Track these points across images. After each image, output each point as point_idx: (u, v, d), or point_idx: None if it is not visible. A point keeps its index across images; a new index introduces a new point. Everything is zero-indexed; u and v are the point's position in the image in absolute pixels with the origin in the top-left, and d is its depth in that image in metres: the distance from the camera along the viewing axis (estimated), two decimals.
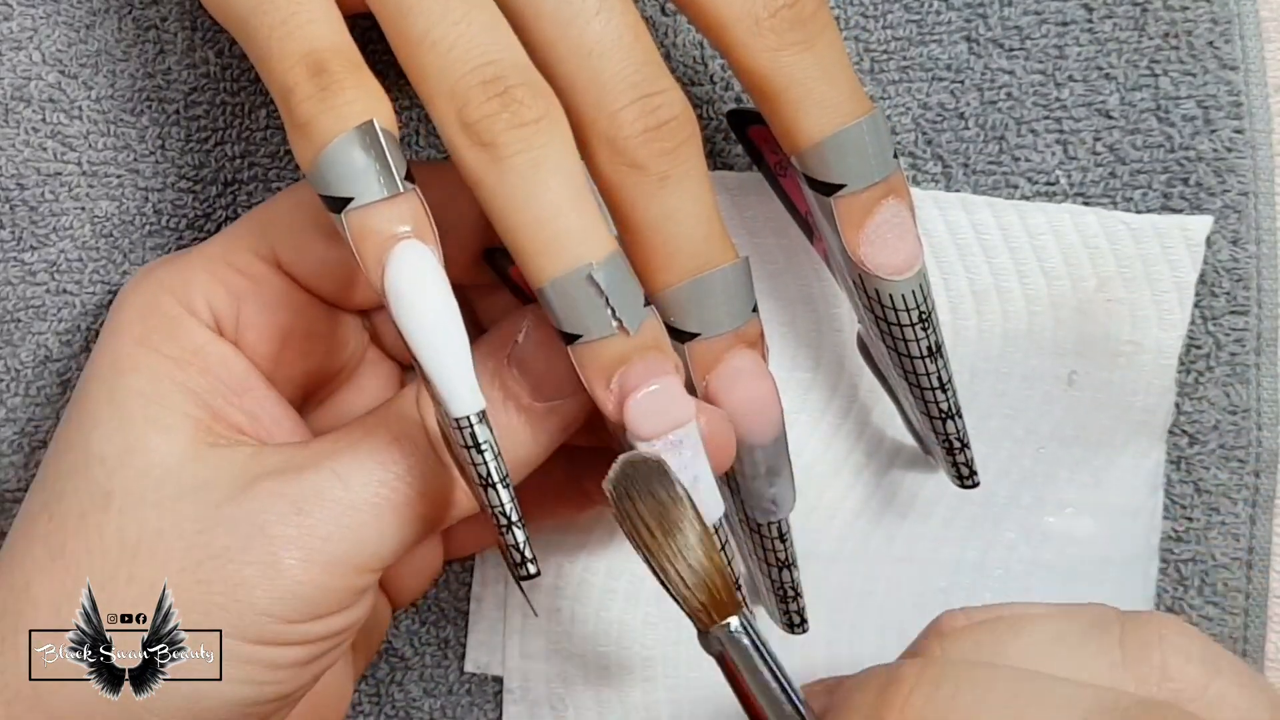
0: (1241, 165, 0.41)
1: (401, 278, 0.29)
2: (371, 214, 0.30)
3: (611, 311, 0.32)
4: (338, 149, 0.29)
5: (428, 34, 0.31)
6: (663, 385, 0.32)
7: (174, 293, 0.35)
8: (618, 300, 0.32)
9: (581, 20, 0.32)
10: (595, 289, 0.31)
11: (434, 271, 0.29)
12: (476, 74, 0.30)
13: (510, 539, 0.31)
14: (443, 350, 0.29)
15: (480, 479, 0.31)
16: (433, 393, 0.30)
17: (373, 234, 0.30)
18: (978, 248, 0.41)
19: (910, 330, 0.35)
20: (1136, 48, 0.41)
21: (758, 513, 0.36)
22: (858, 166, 0.34)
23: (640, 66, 0.32)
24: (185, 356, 0.34)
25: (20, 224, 0.40)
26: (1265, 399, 0.42)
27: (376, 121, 0.30)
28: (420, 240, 0.30)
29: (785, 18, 0.33)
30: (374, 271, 0.30)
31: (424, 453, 0.33)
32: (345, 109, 0.30)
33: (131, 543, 0.33)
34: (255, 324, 0.35)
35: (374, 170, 0.29)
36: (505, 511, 0.31)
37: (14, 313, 0.40)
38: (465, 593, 0.43)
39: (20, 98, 0.40)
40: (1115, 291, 0.41)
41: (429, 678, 0.43)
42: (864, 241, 0.34)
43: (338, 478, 0.33)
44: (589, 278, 0.31)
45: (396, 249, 0.29)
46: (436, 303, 0.29)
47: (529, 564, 0.31)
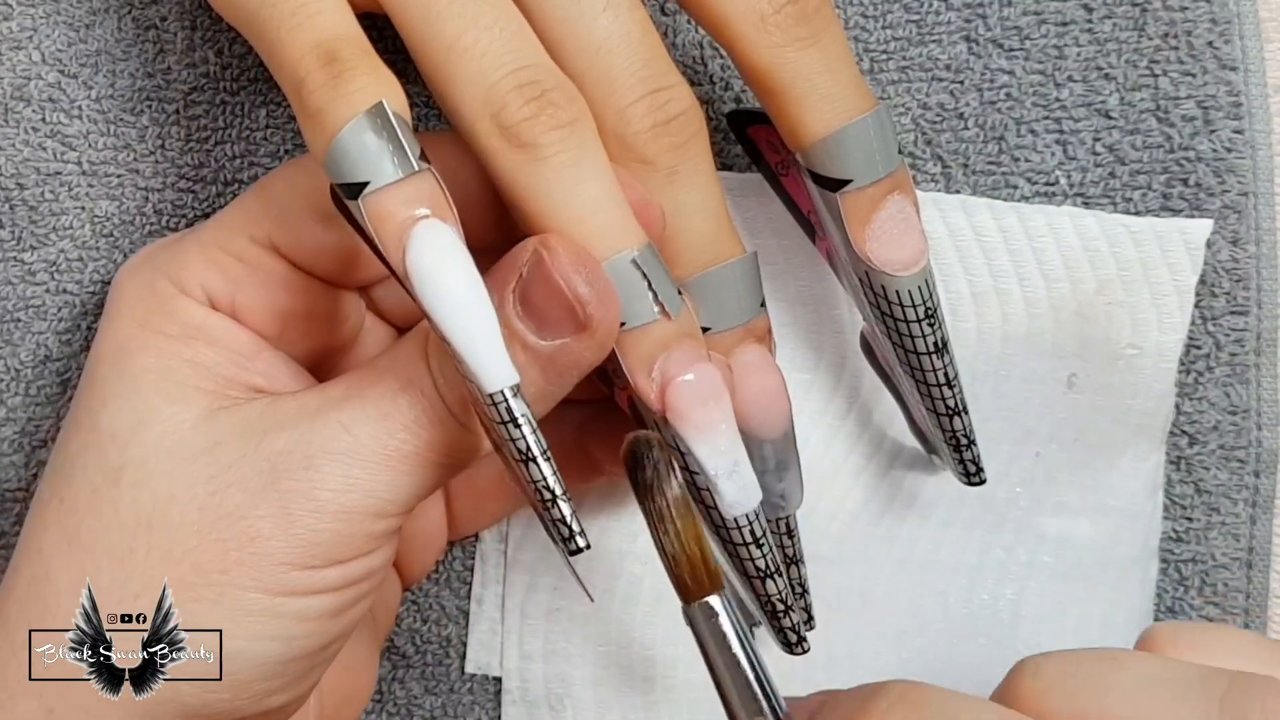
0: (1241, 165, 0.41)
1: (423, 258, 0.29)
2: (388, 196, 0.29)
3: (654, 295, 0.32)
4: (350, 134, 0.29)
5: (459, 40, 0.31)
6: (698, 373, 0.32)
7: (169, 277, 0.35)
8: (659, 285, 0.32)
9: (589, 17, 0.32)
10: (639, 273, 0.32)
11: (456, 249, 0.29)
12: (512, 78, 0.31)
13: (557, 513, 0.31)
14: (471, 327, 0.29)
15: (520, 454, 0.30)
16: (463, 370, 0.30)
17: (391, 216, 0.29)
18: (977, 250, 0.41)
19: (916, 326, 0.35)
20: (1136, 48, 0.41)
21: (766, 508, 0.36)
22: (863, 162, 0.34)
23: (648, 62, 0.33)
24: (188, 334, 0.34)
25: (20, 224, 0.40)
26: (1265, 399, 0.42)
27: (387, 103, 0.30)
28: (440, 219, 0.30)
29: (790, 14, 0.33)
30: (395, 254, 0.29)
31: (431, 400, 0.33)
32: (357, 95, 0.29)
33: (146, 513, 0.33)
34: (253, 308, 0.35)
35: (387, 152, 0.29)
36: (549, 485, 0.31)
37: (14, 312, 0.40)
38: (466, 591, 0.43)
39: (20, 97, 0.40)
40: (1115, 294, 0.41)
41: (430, 676, 0.43)
42: (870, 237, 0.34)
43: (345, 430, 0.32)
44: (633, 262, 0.31)
45: (416, 230, 0.29)
46: (461, 280, 0.29)
47: (578, 537, 0.31)
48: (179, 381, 0.34)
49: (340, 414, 0.33)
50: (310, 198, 0.34)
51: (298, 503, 0.32)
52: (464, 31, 0.31)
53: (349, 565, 0.33)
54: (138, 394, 0.34)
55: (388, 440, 0.32)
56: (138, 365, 0.34)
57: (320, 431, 0.33)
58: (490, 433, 0.31)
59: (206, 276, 0.35)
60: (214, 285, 0.35)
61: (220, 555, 0.32)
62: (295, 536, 0.32)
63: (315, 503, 0.32)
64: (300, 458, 0.32)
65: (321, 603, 0.33)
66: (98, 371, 0.35)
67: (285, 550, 0.32)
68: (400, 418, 0.33)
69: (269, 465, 0.32)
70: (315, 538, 0.32)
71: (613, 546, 0.43)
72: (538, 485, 0.31)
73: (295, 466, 0.32)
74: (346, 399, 0.33)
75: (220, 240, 0.35)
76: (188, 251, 0.35)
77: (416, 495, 0.33)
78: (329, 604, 0.33)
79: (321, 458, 0.32)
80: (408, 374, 0.33)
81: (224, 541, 0.32)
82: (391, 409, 0.33)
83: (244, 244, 0.35)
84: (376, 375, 0.33)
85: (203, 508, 0.32)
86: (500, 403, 0.30)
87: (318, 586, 0.33)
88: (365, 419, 0.33)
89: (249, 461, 0.33)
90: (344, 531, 0.32)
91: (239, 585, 0.32)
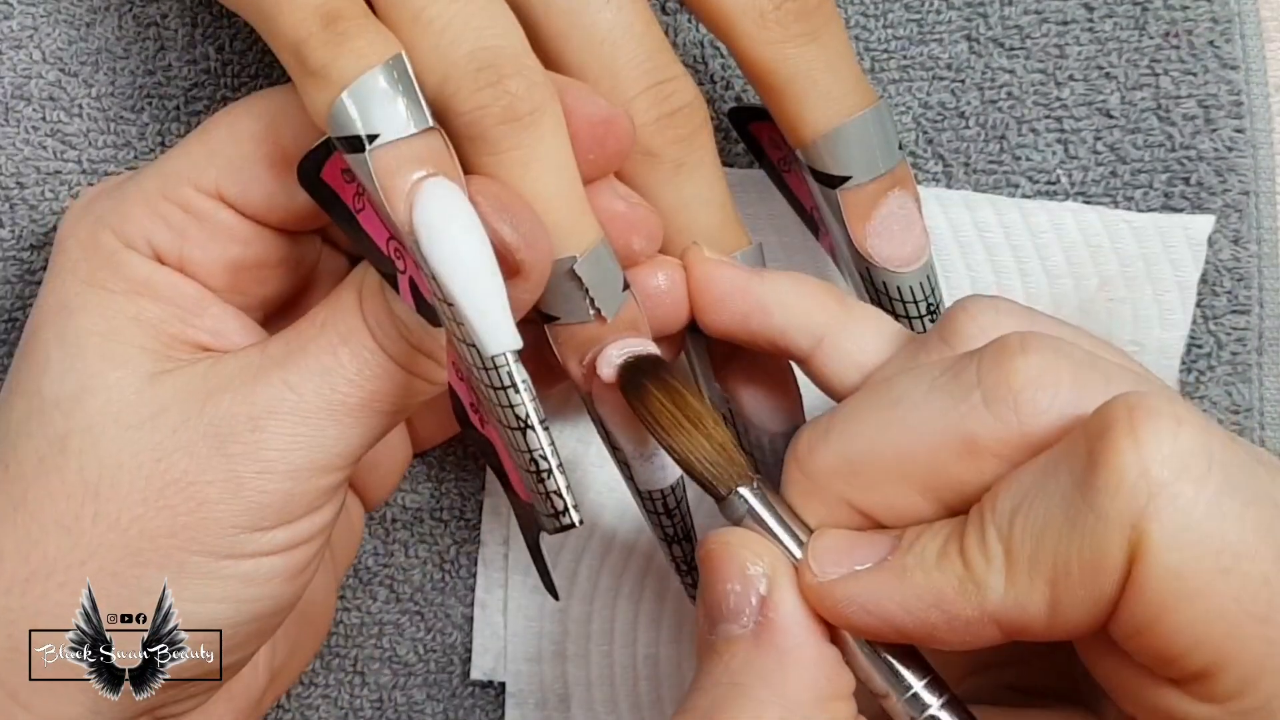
0: (1242, 164, 0.41)
1: (434, 215, 0.29)
2: (399, 151, 0.29)
3: (590, 302, 0.32)
4: (364, 84, 0.29)
5: (424, 11, 0.30)
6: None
7: (112, 229, 0.34)
8: (597, 291, 0.32)
9: (592, 10, 0.32)
10: (577, 282, 0.31)
11: (465, 210, 0.29)
12: (470, 60, 0.30)
13: (552, 485, 0.30)
14: (476, 289, 0.28)
15: (518, 421, 0.30)
16: (465, 332, 0.29)
17: (400, 171, 0.29)
18: (980, 246, 0.41)
19: (919, 322, 0.35)
20: (1137, 47, 0.41)
21: None
22: (863, 159, 0.34)
23: (652, 54, 0.33)
24: (134, 288, 0.34)
25: (20, 222, 0.40)
26: (1267, 398, 0.42)
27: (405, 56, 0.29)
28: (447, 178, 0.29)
29: (790, 10, 0.33)
30: (401, 210, 0.29)
31: (372, 350, 0.32)
32: (366, 49, 0.29)
33: (93, 481, 0.32)
34: (201, 260, 0.34)
35: (403, 105, 0.29)
36: (545, 454, 0.30)
37: (13, 312, 0.40)
38: (470, 598, 0.43)
39: (20, 96, 0.40)
40: (1117, 291, 0.41)
41: (433, 683, 0.43)
42: (871, 234, 0.34)
43: (289, 388, 0.32)
44: (570, 271, 0.31)
45: (426, 186, 0.29)
46: (470, 240, 0.29)
47: (572, 511, 0.31)
48: (123, 342, 0.33)
49: (284, 372, 0.33)
50: (259, 144, 0.33)
51: (246, 465, 0.32)
52: (431, 2, 0.30)
53: (297, 524, 0.33)
54: (81, 358, 0.33)
55: (331, 394, 0.32)
56: (81, 326, 0.34)
57: (264, 391, 0.32)
58: (484, 399, 0.31)
59: (151, 229, 0.34)
60: (159, 238, 0.34)
61: (168, 521, 0.32)
62: (244, 500, 0.32)
63: (263, 464, 0.32)
64: (245, 419, 0.32)
65: (271, 564, 0.33)
66: (41, 333, 0.34)
67: (233, 514, 0.32)
68: (343, 371, 0.32)
69: (214, 429, 0.32)
70: (264, 499, 0.32)
71: (618, 544, 0.42)
72: (533, 454, 0.30)
73: (241, 429, 0.32)
74: (288, 356, 0.33)
75: (164, 189, 0.34)
76: (130, 201, 0.34)
77: (364, 446, 0.33)
78: (278, 565, 0.33)
79: (267, 418, 0.32)
80: (347, 326, 0.33)
81: (172, 508, 0.32)
82: (333, 363, 0.32)
83: (189, 193, 0.34)
84: (316, 330, 0.33)
85: (149, 475, 0.32)
86: (502, 366, 0.30)
87: (265, 548, 0.33)
88: (308, 375, 0.32)
89: (193, 425, 0.32)
90: (293, 490, 0.32)
91: (186, 549, 0.32)
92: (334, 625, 0.43)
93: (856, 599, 0.29)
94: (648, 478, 0.35)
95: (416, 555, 0.43)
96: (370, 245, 0.31)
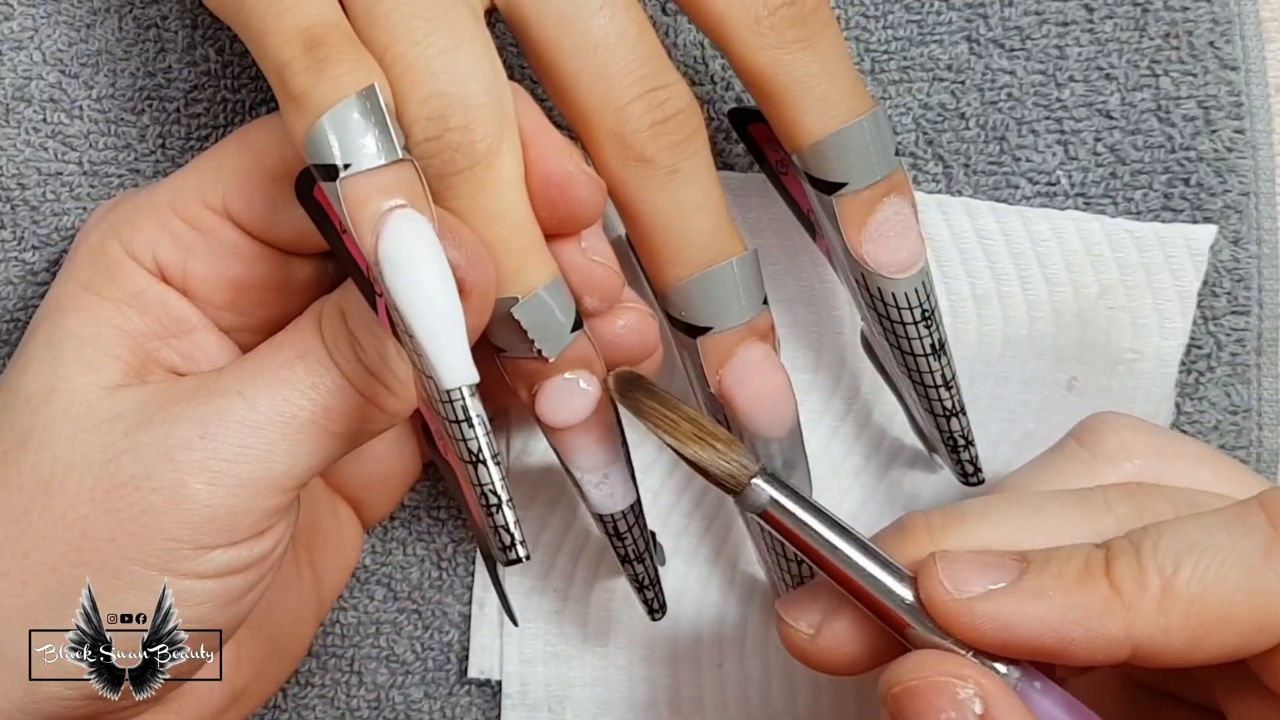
0: (1242, 165, 0.41)
1: (396, 247, 0.29)
2: (368, 181, 0.29)
3: (531, 344, 0.33)
4: (338, 114, 0.29)
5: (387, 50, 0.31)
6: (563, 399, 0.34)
7: (120, 238, 0.35)
8: (537, 333, 0.32)
9: (586, 16, 0.32)
10: (516, 325, 0.32)
11: (430, 243, 0.29)
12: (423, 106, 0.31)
13: (500, 519, 0.31)
14: (436, 322, 0.29)
15: (470, 455, 0.30)
16: (424, 364, 0.29)
17: (368, 201, 0.29)
18: (980, 252, 0.41)
19: (913, 328, 0.35)
20: (1137, 48, 0.41)
21: None
22: (859, 164, 0.34)
23: (645, 60, 0.33)
24: (124, 299, 0.34)
25: (21, 224, 0.40)
26: (1266, 399, 0.42)
27: (378, 87, 0.30)
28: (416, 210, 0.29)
29: (785, 16, 0.33)
30: (368, 240, 0.29)
31: (326, 366, 0.33)
32: (343, 78, 0.29)
33: (45, 477, 0.33)
34: (205, 276, 0.35)
35: (373, 136, 0.29)
36: (495, 489, 0.31)
37: (14, 312, 0.40)
38: (468, 597, 0.43)
39: (21, 97, 0.40)
40: (1117, 299, 0.41)
41: (430, 682, 0.43)
42: (866, 240, 0.34)
43: (243, 399, 0.33)
44: (508, 315, 0.32)
45: (392, 218, 0.29)
46: (432, 273, 0.29)
47: (519, 546, 0.31)
48: (100, 349, 0.34)
49: (238, 384, 0.33)
50: (267, 165, 0.34)
51: (193, 474, 0.32)
52: (394, 42, 0.31)
53: (238, 548, 0.33)
54: (58, 359, 0.34)
55: (284, 406, 0.33)
56: (64, 328, 0.34)
57: (216, 400, 0.33)
58: (442, 431, 0.31)
59: (158, 242, 0.34)
60: (165, 252, 0.34)
61: (110, 525, 0.32)
62: (188, 511, 0.32)
63: (210, 473, 0.32)
64: (196, 425, 0.32)
65: (205, 588, 0.33)
66: (35, 331, 0.35)
67: (176, 525, 0.32)
68: (296, 384, 0.33)
69: (165, 435, 0.32)
70: (208, 512, 0.32)
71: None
72: (484, 489, 0.31)
73: (192, 435, 0.32)
74: (244, 370, 0.33)
75: (174, 203, 0.34)
76: (141, 213, 0.35)
77: (312, 468, 0.33)
78: (212, 589, 0.33)
79: (217, 425, 0.32)
80: (304, 344, 0.33)
81: (115, 512, 0.32)
82: (289, 375, 0.33)
83: (197, 208, 0.34)
84: (274, 348, 0.33)
85: (99, 476, 0.32)
86: (457, 400, 0.30)
87: (202, 570, 0.33)
88: (262, 386, 0.33)
89: (145, 430, 0.33)
90: (238, 507, 0.32)
91: (124, 556, 0.32)
92: (330, 624, 0.43)
93: (998, 615, 0.30)
94: (599, 503, 0.36)
95: (414, 554, 0.43)
96: (354, 267, 0.32)
